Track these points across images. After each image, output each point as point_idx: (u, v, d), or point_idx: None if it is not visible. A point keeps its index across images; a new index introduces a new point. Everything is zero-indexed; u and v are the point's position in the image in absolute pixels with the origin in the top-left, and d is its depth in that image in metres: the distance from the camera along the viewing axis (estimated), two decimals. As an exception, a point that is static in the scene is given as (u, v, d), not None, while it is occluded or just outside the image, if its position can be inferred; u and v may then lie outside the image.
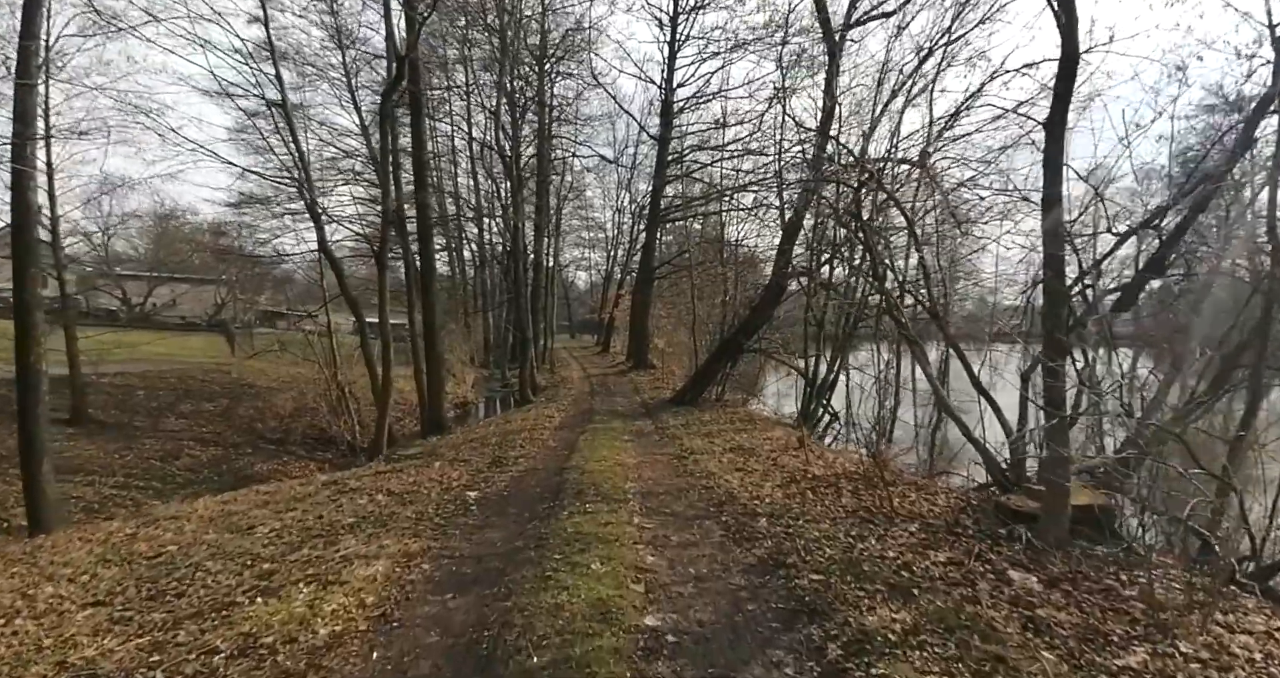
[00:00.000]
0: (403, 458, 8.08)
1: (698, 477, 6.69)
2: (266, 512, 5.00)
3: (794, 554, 4.11)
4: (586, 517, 4.70)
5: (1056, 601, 3.62)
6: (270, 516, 4.84)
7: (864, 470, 6.79)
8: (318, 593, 3.08)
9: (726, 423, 11.35)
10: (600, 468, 6.81)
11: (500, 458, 7.65)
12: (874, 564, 3.95)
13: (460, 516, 4.83)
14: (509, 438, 9.54)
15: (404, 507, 5.04)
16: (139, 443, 13.17)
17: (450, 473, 6.63)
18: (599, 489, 5.75)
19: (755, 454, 8.18)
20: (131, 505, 11.17)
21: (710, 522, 4.90)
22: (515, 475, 6.66)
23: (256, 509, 5.13)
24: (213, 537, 4.42)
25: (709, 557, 4.04)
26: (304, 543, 4.05)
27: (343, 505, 5.06)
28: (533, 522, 4.66)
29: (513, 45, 17.46)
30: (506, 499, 5.56)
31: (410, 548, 3.87)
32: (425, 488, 5.84)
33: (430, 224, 13.54)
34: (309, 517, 4.71)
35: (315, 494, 5.65)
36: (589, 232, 45.02)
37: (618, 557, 3.78)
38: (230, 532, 4.47)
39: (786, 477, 6.80)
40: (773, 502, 5.59)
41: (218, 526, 4.70)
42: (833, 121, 8.28)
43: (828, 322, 12.65)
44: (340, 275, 12.52)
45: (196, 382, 16.82)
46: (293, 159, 11.35)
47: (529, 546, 4.03)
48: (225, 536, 4.39)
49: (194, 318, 37.45)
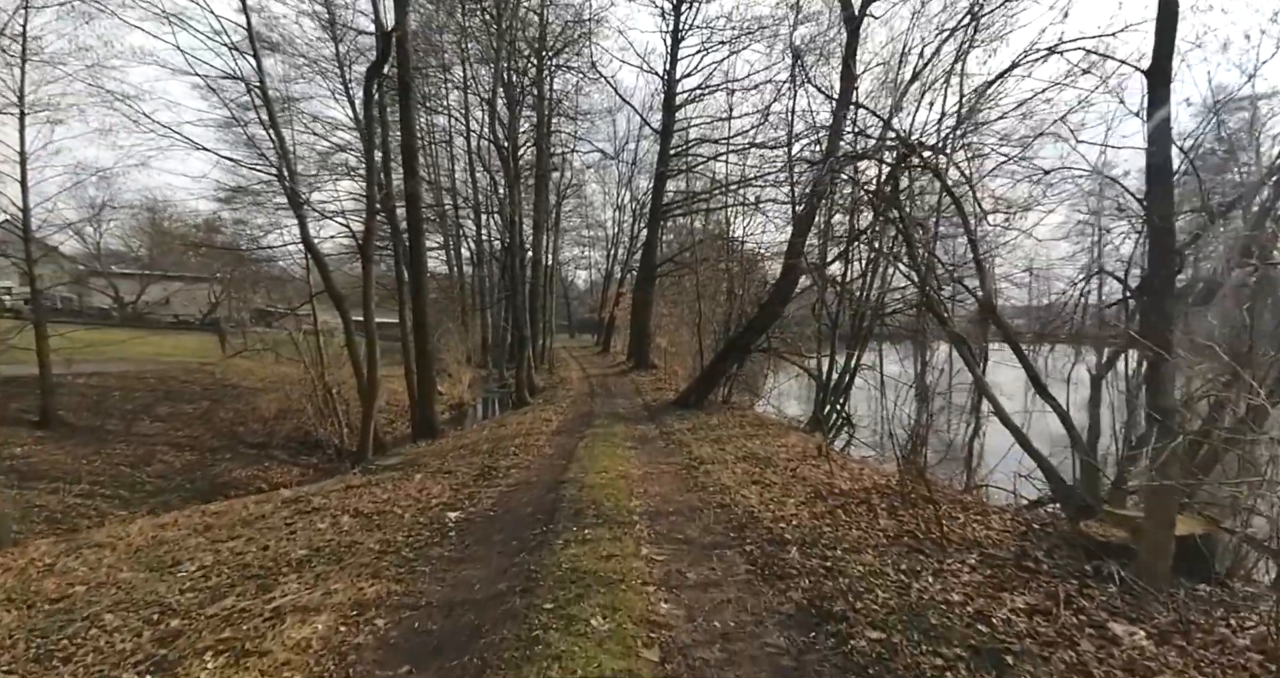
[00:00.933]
0: (381, 469, 7.32)
1: (711, 492, 5.93)
2: (203, 540, 4.24)
3: (839, 598, 3.35)
4: (585, 547, 3.93)
5: (1174, 663, 2.87)
6: (205, 546, 4.08)
7: (899, 485, 6.04)
8: (225, 672, 2.32)
9: (736, 428, 10.60)
10: (601, 481, 6.04)
11: (490, 469, 6.88)
12: (941, 614, 3.19)
13: (435, 544, 4.06)
14: (501, 445, 8.77)
15: (370, 533, 4.27)
16: (109, 448, 12.41)
17: (431, 488, 5.86)
18: (600, 509, 4.98)
19: (772, 464, 7.43)
20: (96, 517, 10.44)
21: (732, 552, 4.13)
22: (505, 490, 5.89)
23: (193, 537, 4.37)
24: (128, 576, 3.67)
25: (735, 603, 3.27)
26: (233, 588, 3.29)
27: (297, 532, 4.29)
28: (521, 553, 3.89)
29: (509, 31, 16.71)
30: (493, 521, 4.79)
31: (365, 594, 3.11)
32: (400, 507, 5.07)
33: (421, 216, 12.77)
34: (251, 548, 3.95)
35: (270, 516, 4.89)
36: (589, 230, 44.35)
37: (624, 606, 3.02)
38: (151, 569, 3.72)
39: (810, 492, 6.04)
40: (800, 524, 4.82)
41: (140, 559, 3.94)
42: (853, 93, 7.48)
43: (843, 318, 11.90)
44: (324, 270, 11.74)
45: (177, 382, 16.04)
46: (272, 145, 10.58)
47: (514, 589, 3.26)
48: (143, 574, 3.64)
49: (187, 317, 36.81)
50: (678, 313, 23.29)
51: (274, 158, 10.73)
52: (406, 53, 12.04)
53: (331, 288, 11.60)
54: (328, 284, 11.58)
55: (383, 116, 14.34)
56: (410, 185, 11.89)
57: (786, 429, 10.90)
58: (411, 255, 12.54)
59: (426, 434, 12.66)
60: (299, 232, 10.89)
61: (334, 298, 11.57)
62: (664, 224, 24.64)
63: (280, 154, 10.47)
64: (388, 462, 7.81)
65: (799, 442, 9.29)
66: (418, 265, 12.64)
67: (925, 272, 5.16)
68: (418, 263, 12.59)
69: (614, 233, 40.86)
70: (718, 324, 16.45)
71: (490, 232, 29.26)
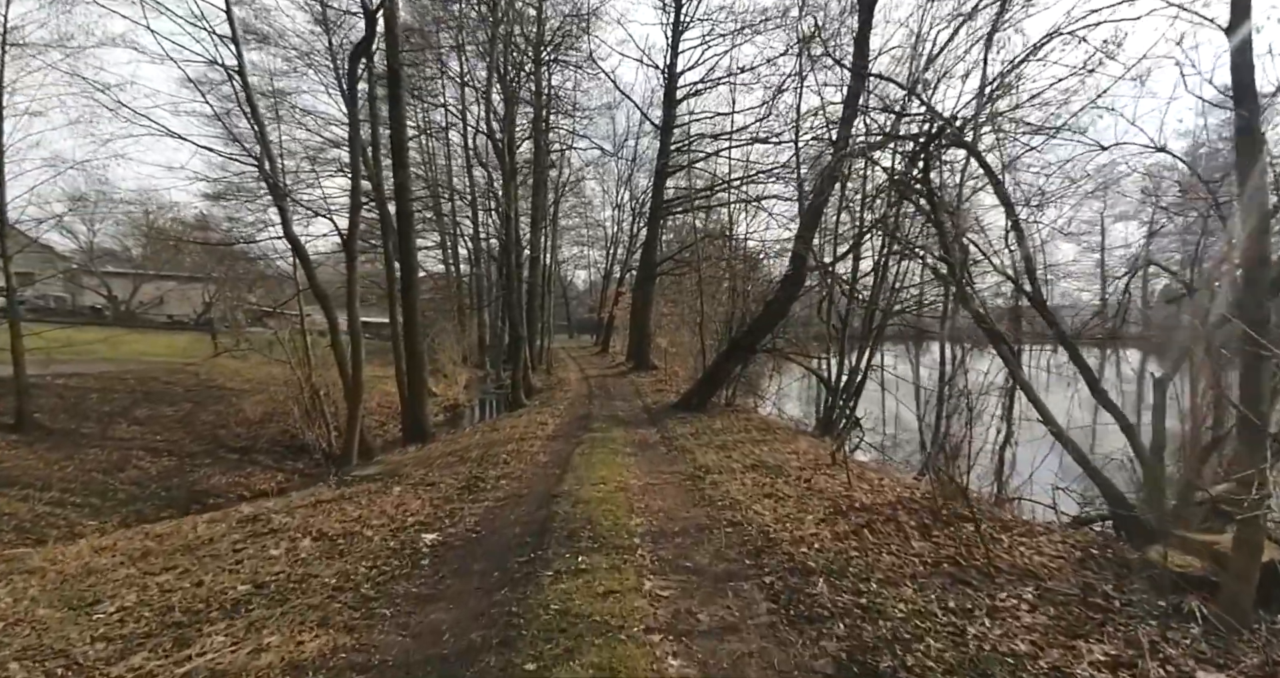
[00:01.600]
0: (358, 480, 6.73)
1: (720, 507, 5.35)
2: (134, 572, 3.66)
3: (884, 650, 2.78)
4: (578, 580, 3.36)
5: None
6: (135, 579, 3.50)
7: (929, 500, 5.47)
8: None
9: (741, 432, 10.03)
10: (598, 495, 5.47)
11: (477, 479, 6.30)
12: (1010, 671, 2.62)
13: (403, 576, 3.48)
14: (492, 451, 8.20)
15: (329, 562, 3.69)
16: (83, 452, 11.81)
17: (409, 503, 5.27)
18: (596, 529, 4.41)
19: (783, 474, 6.85)
20: (65, 526, 9.87)
21: (749, 584, 3.55)
22: (492, 506, 5.32)
23: (125, 567, 3.79)
24: (45, 613, 3.10)
25: (759, 658, 2.70)
26: (149, 638, 2.72)
27: (243, 562, 3.71)
28: (503, 589, 3.31)
29: (505, 22, 16.14)
30: (474, 544, 4.21)
31: (303, 652, 2.52)
32: (370, 527, 4.49)
33: (410, 208, 12.19)
34: (184, 583, 3.37)
35: (219, 540, 4.30)
36: (588, 229, 43.85)
37: (624, 666, 2.44)
38: (70, 607, 3.15)
39: (829, 506, 5.46)
40: (824, 548, 4.25)
41: (64, 593, 3.37)
42: (868, 69, 6.86)
43: (852, 317, 11.36)
44: (308, 265, 11.16)
45: (159, 384, 15.44)
46: (252, 131, 9.99)
47: (491, 640, 2.68)
48: (60, 613, 3.06)
49: (181, 316, 36.31)
50: (678, 312, 22.75)
51: (256, 148, 10.14)
52: (396, 37, 11.48)
53: (315, 284, 11.02)
54: (311, 281, 11.00)
55: (372, 107, 13.79)
56: (400, 176, 11.32)
57: (795, 434, 10.33)
58: (401, 250, 11.97)
59: (417, 438, 12.09)
60: (280, 224, 10.29)
61: (318, 295, 10.99)
62: (664, 222, 24.10)
63: (261, 142, 9.89)
64: (366, 472, 7.22)
65: (810, 448, 8.72)
66: (408, 261, 12.07)
67: (961, 265, 4.57)
68: (408, 258, 12.02)
69: (613, 232, 40.41)
70: (718, 324, 15.90)
71: (488, 230, 28.75)
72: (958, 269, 4.49)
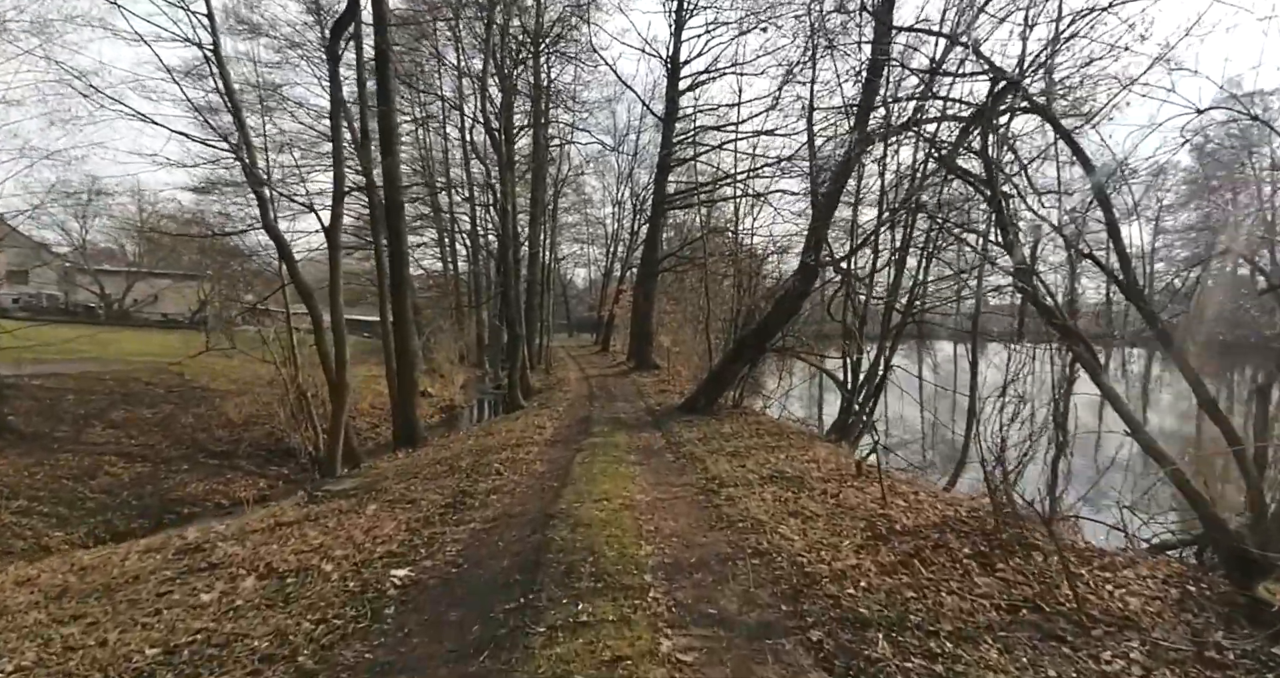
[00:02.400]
0: (329, 495, 6.01)
1: (741, 530, 4.66)
2: (46, 616, 2.98)
3: (986, 751, 2.08)
4: (578, 640, 2.67)
5: None
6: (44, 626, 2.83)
7: (975, 520, 4.77)
8: None
9: (753, 437, 9.33)
10: (601, 516, 4.78)
11: (465, 494, 5.60)
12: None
13: (357, 635, 2.77)
14: (484, 459, 7.51)
15: (269, 612, 2.99)
16: (54, 458, 11.13)
17: (383, 525, 4.57)
18: (599, 562, 3.71)
19: (805, 487, 6.16)
20: (31, 537, 9.21)
21: (791, 643, 2.85)
22: (479, 529, 4.62)
23: (38, 609, 3.13)
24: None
25: (823, 766, 1.99)
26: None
27: (164, 611, 3.01)
28: (482, 654, 2.60)
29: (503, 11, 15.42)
30: (453, 583, 3.51)
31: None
32: (331, 560, 3.79)
33: (400, 198, 11.49)
34: (90, 640, 2.68)
35: (149, 576, 3.60)
36: (588, 226, 43.19)
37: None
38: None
39: (865, 529, 4.77)
40: (872, 587, 3.55)
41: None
42: (890, 38, 6.06)
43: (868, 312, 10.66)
44: (289, 259, 10.45)
45: (140, 384, 14.75)
46: (227, 108, 9.27)
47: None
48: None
49: (175, 315, 35.75)
50: (681, 310, 22.06)
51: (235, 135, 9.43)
52: (384, 16, 10.77)
53: (298, 279, 10.32)
54: (294, 275, 10.31)
55: (361, 94, 13.06)
56: (389, 164, 10.61)
57: (811, 439, 9.62)
58: (390, 243, 11.27)
59: (408, 442, 11.42)
60: (260, 214, 9.59)
61: (301, 291, 10.30)
62: (666, 218, 23.38)
63: (237, 125, 9.18)
64: (340, 486, 6.50)
65: (829, 455, 8.03)
66: (398, 255, 11.38)
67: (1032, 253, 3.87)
68: (397, 252, 11.33)
69: (614, 229, 39.78)
70: (722, 322, 15.20)
71: (486, 226, 28.09)
72: (1029, 261, 3.77)
